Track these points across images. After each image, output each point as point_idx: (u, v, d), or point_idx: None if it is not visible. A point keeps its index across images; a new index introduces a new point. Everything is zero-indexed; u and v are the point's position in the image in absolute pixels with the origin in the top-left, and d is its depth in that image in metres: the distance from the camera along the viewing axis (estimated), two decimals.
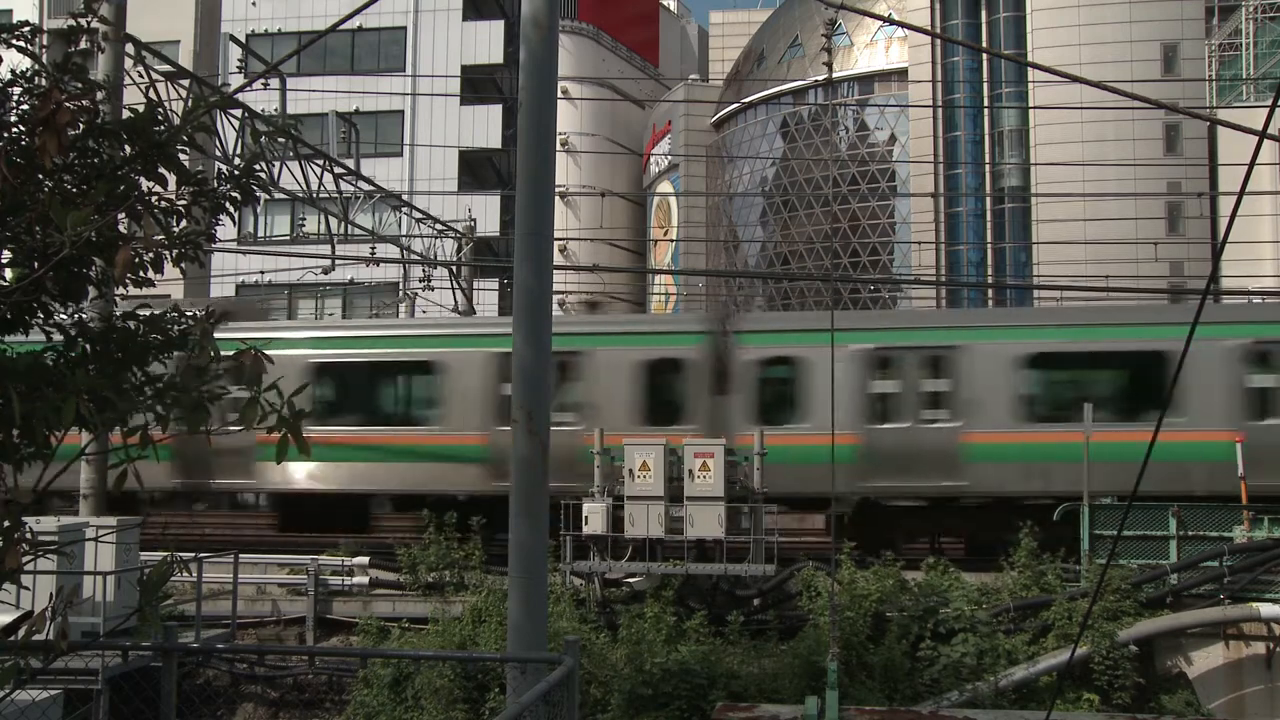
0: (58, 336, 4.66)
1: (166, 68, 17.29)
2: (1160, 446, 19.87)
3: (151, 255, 4.59)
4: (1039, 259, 40.26)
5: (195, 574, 14.16)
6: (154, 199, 4.68)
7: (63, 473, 4.48)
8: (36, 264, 4.33)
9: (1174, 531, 15.67)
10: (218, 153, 17.66)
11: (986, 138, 46.23)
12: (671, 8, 68.87)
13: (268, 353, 4.28)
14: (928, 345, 18.25)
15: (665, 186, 58.48)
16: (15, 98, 4.47)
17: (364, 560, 17.61)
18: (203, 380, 4.41)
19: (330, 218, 23.28)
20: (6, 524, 3.97)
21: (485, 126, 41.57)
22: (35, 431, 4.07)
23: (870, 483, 17.68)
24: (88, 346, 4.62)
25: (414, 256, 27.90)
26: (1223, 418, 16.92)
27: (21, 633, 4.18)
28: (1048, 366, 18.14)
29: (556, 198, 8.93)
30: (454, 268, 28.34)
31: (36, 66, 4.58)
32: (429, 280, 28.11)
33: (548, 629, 8.50)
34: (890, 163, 48.71)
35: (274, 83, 19.97)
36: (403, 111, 41.32)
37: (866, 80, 49.84)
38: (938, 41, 46.24)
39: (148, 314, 4.68)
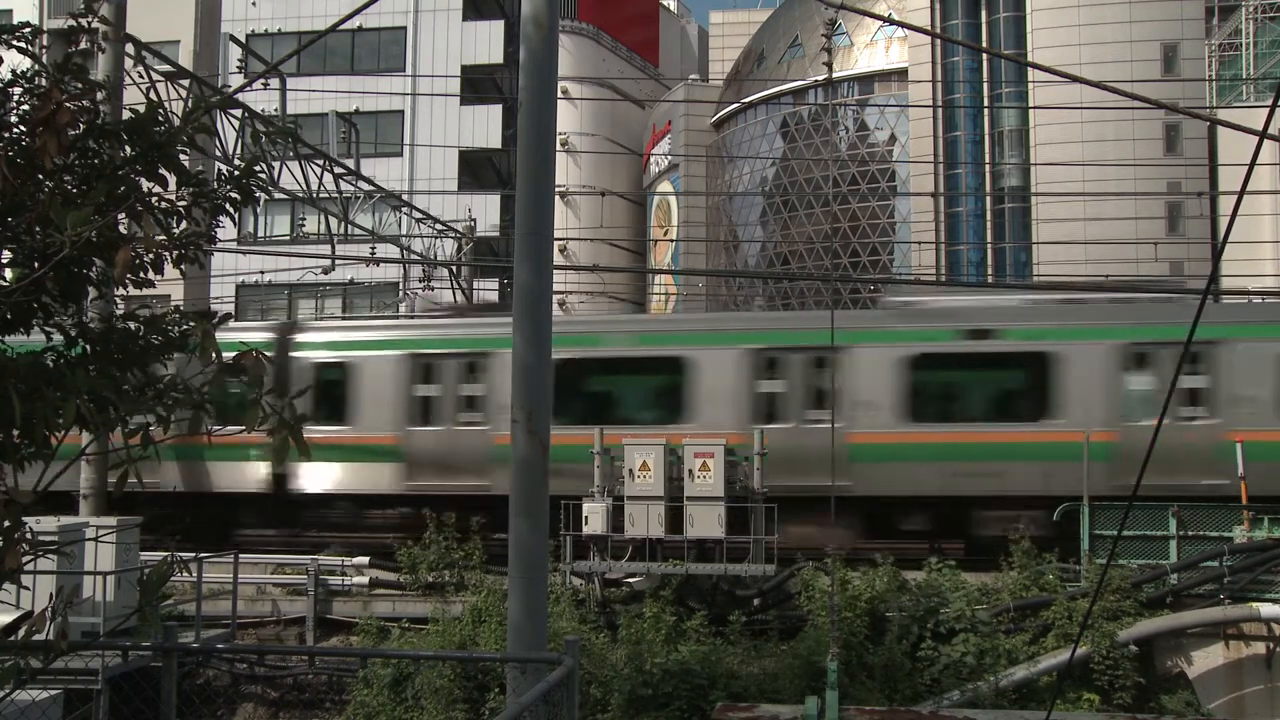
0: (58, 336, 4.66)
1: (166, 68, 17.30)
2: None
3: (151, 256, 4.59)
4: (1039, 259, 40.26)
5: (195, 574, 14.17)
6: (154, 199, 4.68)
7: (63, 472, 4.47)
8: (36, 264, 4.33)
9: (1174, 531, 15.68)
10: (218, 153, 17.66)
11: (986, 138, 46.22)
12: (671, 8, 68.85)
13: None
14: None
15: (665, 186, 58.47)
16: (15, 98, 4.47)
17: (364, 560, 17.62)
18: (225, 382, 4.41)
19: (330, 218, 23.28)
20: (6, 524, 3.97)
21: (485, 126, 41.55)
22: (35, 431, 4.07)
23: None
24: (88, 347, 4.62)
25: (414, 256, 27.91)
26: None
27: (21, 633, 4.18)
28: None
29: (556, 198, 8.93)
30: (454, 268, 28.34)
31: (36, 67, 4.58)
32: (429, 280, 28.11)
33: (548, 629, 8.50)
34: (890, 163, 48.70)
35: (274, 83, 19.97)
36: (403, 111, 41.30)
37: (866, 80, 49.82)
38: (938, 41, 46.21)
39: (148, 314, 4.68)
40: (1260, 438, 16.72)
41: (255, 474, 19.31)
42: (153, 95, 15.32)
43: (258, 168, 5.20)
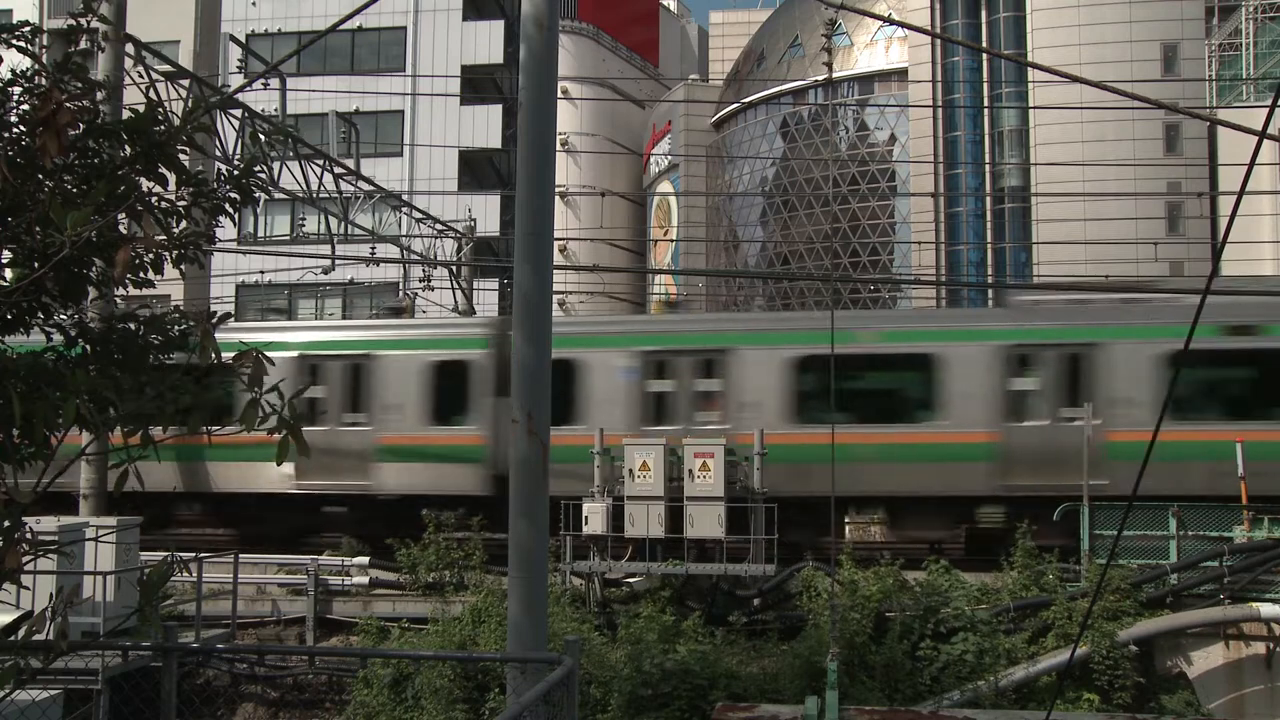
0: (58, 336, 4.65)
1: (166, 68, 17.28)
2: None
3: (151, 256, 4.59)
4: (1039, 259, 40.26)
5: (195, 574, 14.16)
6: (154, 199, 4.68)
7: (63, 472, 4.47)
8: (36, 264, 4.33)
9: (1174, 531, 15.68)
10: (218, 153, 17.65)
11: (986, 138, 46.22)
12: (671, 8, 68.86)
13: None
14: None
15: (665, 186, 58.47)
16: (15, 98, 4.47)
17: (364, 560, 17.62)
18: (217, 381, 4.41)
19: (330, 218, 23.26)
20: (6, 524, 3.97)
21: (485, 126, 41.54)
22: (35, 431, 4.07)
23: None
24: (88, 347, 4.62)
25: (414, 256, 27.90)
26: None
27: (21, 633, 4.18)
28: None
29: (556, 198, 8.93)
30: (454, 268, 28.33)
31: (36, 66, 4.58)
32: (429, 280, 28.10)
33: (548, 629, 8.49)
34: (890, 163, 48.70)
35: (274, 83, 19.95)
36: (403, 111, 41.29)
37: (866, 80, 49.83)
38: (938, 41, 46.22)
39: (148, 314, 4.68)
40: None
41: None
42: (153, 95, 15.31)
43: (257, 168, 5.19)
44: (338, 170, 22.43)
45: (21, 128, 4.40)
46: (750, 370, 18.35)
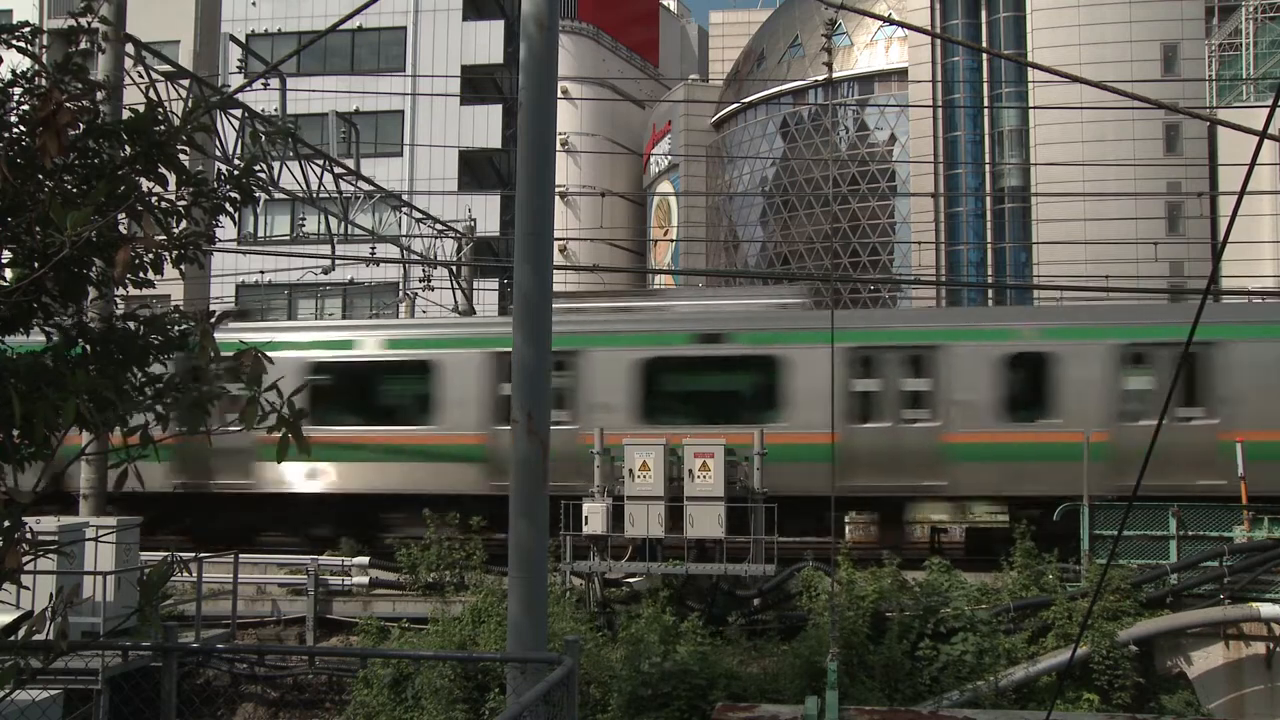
0: (58, 336, 4.65)
1: (166, 68, 17.28)
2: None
3: (151, 256, 4.59)
4: (1039, 259, 40.27)
5: (195, 574, 14.16)
6: (154, 199, 4.68)
7: (63, 473, 4.48)
8: (36, 264, 4.33)
9: (1174, 531, 15.68)
10: (218, 153, 17.65)
11: (986, 138, 46.23)
12: (671, 8, 68.88)
13: None
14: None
15: (665, 186, 58.48)
16: (15, 98, 4.47)
17: (364, 560, 17.62)
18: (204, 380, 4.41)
19: (330, 218, 23.26)
20: (6, 524, 3.97)
21: (485, 126, 41.55)
22: (35, 431, 4.07)
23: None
24: (88, 347, 4.62)
25: (414, 256, 27.89)
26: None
27: (21, 633, 4.18)
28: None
29: (556, 198, 8.93)
30: (454, 268, 28.33)
31: (36, 67, 4.58)
32: (429, 280, 28.10)
33: (548, 629, 8.49)
34: (890, 163, 48.71)
35: (274, 83, 19.95)
36: (403, 111, 41.30)
37: (866, 80, 49.84)
38: (938, 41, 46.23)
39: (148, 314, 4.68)
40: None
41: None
42: (153, 95, 15.31)
43: (257, 167, 5.19)
44: (338, 170, 22.42)
45: (21, 128, 4.40)
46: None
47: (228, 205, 5.05)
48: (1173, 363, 17.10)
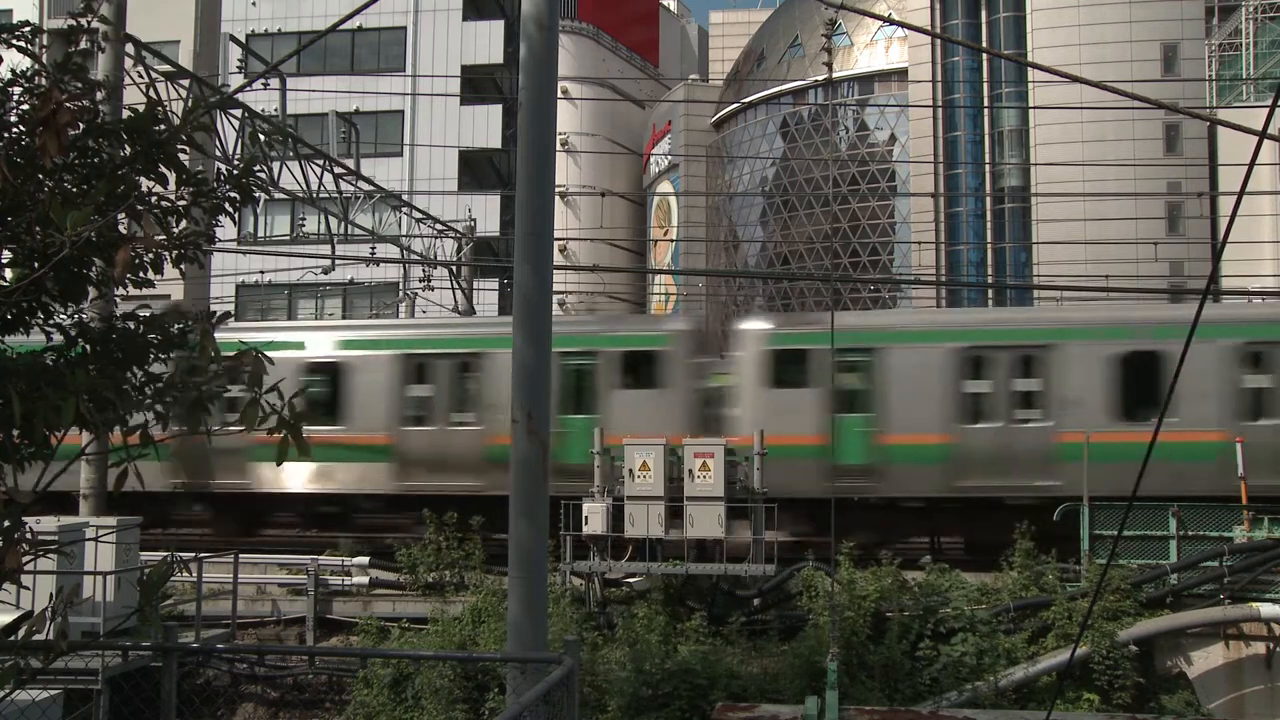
0: (58, 336, 4.65)
1: (166, 68, 17.28)
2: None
3: (151, 256, 4.59)
4: (1039, 259, 40.26)
5: (195, 574, 14.16)
6: (154, 199, 4.68)
7: (63, 472, 4.48)
8: (36, 264, 4.33)
9: (1174, 531, 15.68)
10: (217, 153, 17.64)
11: (986, 138, 46.21)
12: (671, 8, 68.86)
13: None
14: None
15: (665, 186, 58.47)
16: (15, 98, 4.47)
17: (364, 560, 17.62)
18: (206, 380, 4.41)
19: (330, 218, 23.27)
20: (6, 524, 3.97)
21: (485, 126, 41.55)
22: (35, 431, 4.07)
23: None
24: (88, 347, 4.62)
25: (414, 256, 27.89)
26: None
27: (21, 633, 4.18)
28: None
29: (556, 198, 8.93)
30: (454, 268, 28.33)
31: (36, 66, 4.58)
32: (429, 280, 28.10)
33: (548, 629, 8.49)
34: (890, 163, 48.69)
35: (274, 83, 19.95)
36: (403, 111, 41.31)
37: (866, 80, 49.82)
38: (938, 41, 46.21)
39: (148, 314, 4.68)
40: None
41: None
42: (153, 95, 15.30)
43: (257, 168, 5.19)
44: (338, 170, 22.43)
45: (21, 128, 4.40)
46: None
47: (227, 205, 5.05)
48: None
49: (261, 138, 19.26)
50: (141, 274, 4.62)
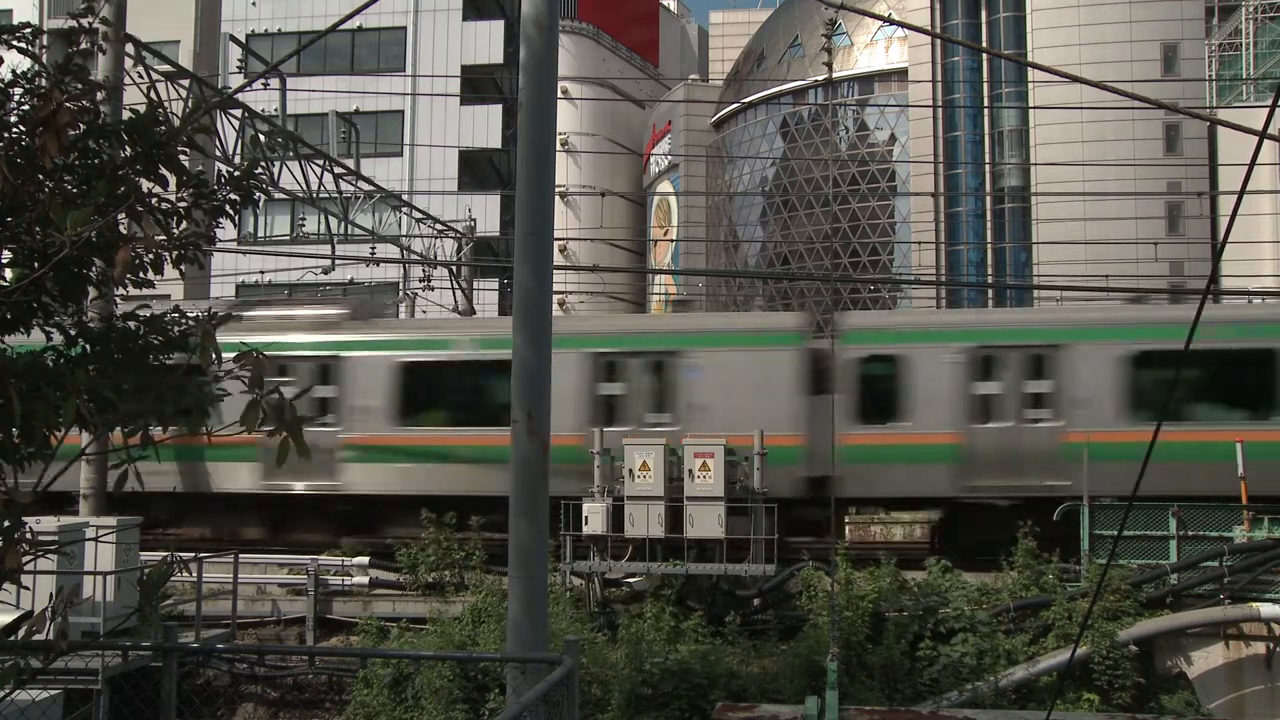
0: (58, 336, 4.65)
1: (166, 68, 17.28)
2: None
3: (151, 256, 4.59)
4: (1039, 259, 40.25)
5: (195, 574, 14.16)
6: (154, 200, 4.68)
7: (63, 472, 4.48)
8: (36, 264, 4.33)
9: (1174, 531, 15.68)
10: (218, 153, 17.65)
11: (986, 138, 46.20)
12: (671, 8, 68.82)
13: None
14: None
15: (665, 186, 58.44)
16: (15, 98, 4.47)
17: (364, 560, 17.61)
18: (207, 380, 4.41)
19: (330, 218, 23.27)
20: (6, 524, 3.97)
21: (485, 126, 41.55)
22: (35, 431, 4.07)
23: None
24: (88, 347, 4.62)
25: (414, 256, 27.89)
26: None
27: (21, 633, 4.18)
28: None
29: (556, 198, 8.93)
30: (454, 268, 28.33)
31: (37, 67, 4.58)
32: (429, 280, 28.10)
33: (548, 629, 8.49)
34: (890, 163, 48.67)
35: (274, 83, 19.95)
36: (403, 111, 41.30)
37: (866, 80, 49.80)
38: (938, 41, 46.20)
39: (148, 314, 4.68)
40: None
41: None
42: (153, 95, 15.30)
43: (257, 169, 5.19)
44: (338, 170, 22.43)
45: (21, 128, 4.40)
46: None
47: (228, 206, 5.05)
48: None
49: (262, 139, 19.26)
50: (141, 274, 4.62)
